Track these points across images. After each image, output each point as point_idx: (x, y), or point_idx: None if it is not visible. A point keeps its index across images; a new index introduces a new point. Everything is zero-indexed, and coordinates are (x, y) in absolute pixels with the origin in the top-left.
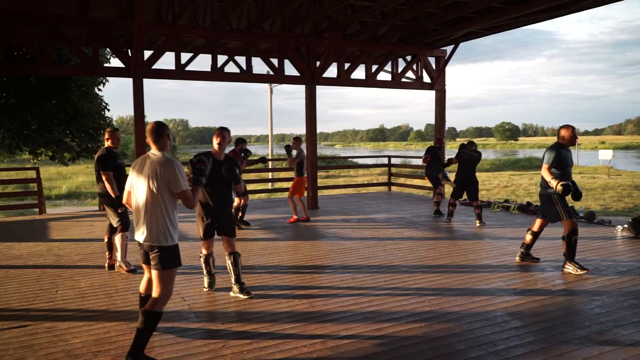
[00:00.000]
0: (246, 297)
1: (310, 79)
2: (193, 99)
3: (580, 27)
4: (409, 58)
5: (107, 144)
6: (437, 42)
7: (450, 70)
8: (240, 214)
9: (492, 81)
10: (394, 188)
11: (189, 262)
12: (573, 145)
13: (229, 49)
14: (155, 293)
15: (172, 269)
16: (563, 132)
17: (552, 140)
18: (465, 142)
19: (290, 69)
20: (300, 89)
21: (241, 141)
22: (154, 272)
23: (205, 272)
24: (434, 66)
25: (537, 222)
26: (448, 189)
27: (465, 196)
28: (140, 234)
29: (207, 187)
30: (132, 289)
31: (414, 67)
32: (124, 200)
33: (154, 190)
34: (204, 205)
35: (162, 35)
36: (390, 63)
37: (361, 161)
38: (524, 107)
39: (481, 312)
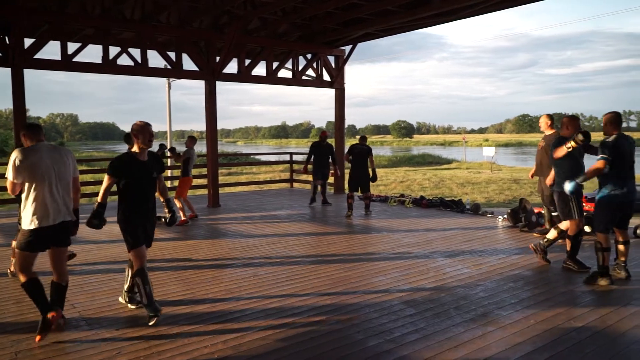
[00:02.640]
0: (135, 307)
1: (210, 75)
2: (84, 93)
3: (467, 33)
4: (309, 56)
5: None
6: (336, 42)
7: (350, 69)
8: None
9: (389, 81)
10: (296, 185)
11: (79, 267)
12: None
13: (122, 40)
14: (60, 270)
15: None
16: (567, 121)
17: (443, 137)
18: (358, 138)
19: (189, 64)
20: (200, 84)
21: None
22: (59, 250)
23: (143, 292)
24: (333, 65)
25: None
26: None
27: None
28: (57, 216)
29: (137, 190)
30: (13, 298)
31: (314, 65)
32: (15, 191)
33: (69, 173)
34: (136, 210)
35: (45, 22)
36: (291, 60)
37: (263, 158)
38: (418, 106)
39: (379, 303)
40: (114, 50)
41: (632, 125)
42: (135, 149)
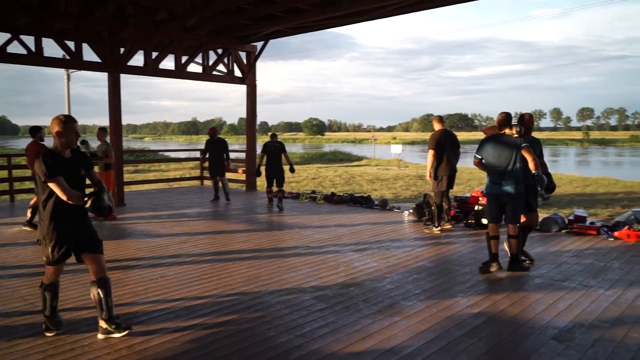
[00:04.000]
0: (124, 333)
1: (114, 67)
2: None
3: (376, 35)
4: (220, 51)
5: None
6: (247, 37)
7: (262, 66)
8: (31, 215)
9: (301, 78)
10: (206, 182)
11: None
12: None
13: (13, 27)
14: None
15: None
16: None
17: (354, 135)
18: (269, 135)
19: (90, 54)
20: (104, 76)
21: (38, 129)
22: None
23: (49, 306)
24: (245, 61)
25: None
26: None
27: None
28: None
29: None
30: None
31: (225, 60)
32: None
33: None
34: (57, 217)
35: None
36: (201, 55)
37: (173, 155)
38: (330, 104)
39: (290, 299)
40: (3, 37)
41: None
42: (56, 146)
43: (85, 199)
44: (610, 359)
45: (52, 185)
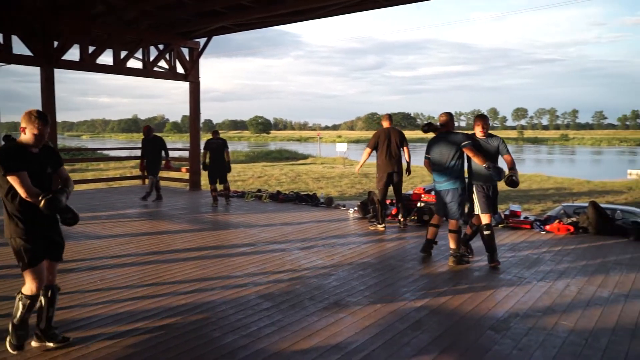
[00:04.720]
0: (61, 344)
1: (47, 61)
2: None
3: (321, 33)
4: (161, 47)
5: None
6: (190, 33)
7: (206, 62)
8: None
9: (246, 76)
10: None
11: None
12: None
13: None
14: None
15: None
16: (479, 122)
17: (299, 133)
18: (211, 133)
19: (21, 47)
20: (37, 71)
21: None
22: None
23: (20, 316)
24: (187, 57)
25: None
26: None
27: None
28: None
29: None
30: None
31: (167, 56)
32: None
33: None
34: (32, 217)
35: None
36: (141, 50)
37: (112, 153)
38: (276, 102)
39: (236, 298)
40: None
41: (462, 124)
42: (26, 139)
43: (40, 197)
44: (543, 346)
45: (11, 179)
